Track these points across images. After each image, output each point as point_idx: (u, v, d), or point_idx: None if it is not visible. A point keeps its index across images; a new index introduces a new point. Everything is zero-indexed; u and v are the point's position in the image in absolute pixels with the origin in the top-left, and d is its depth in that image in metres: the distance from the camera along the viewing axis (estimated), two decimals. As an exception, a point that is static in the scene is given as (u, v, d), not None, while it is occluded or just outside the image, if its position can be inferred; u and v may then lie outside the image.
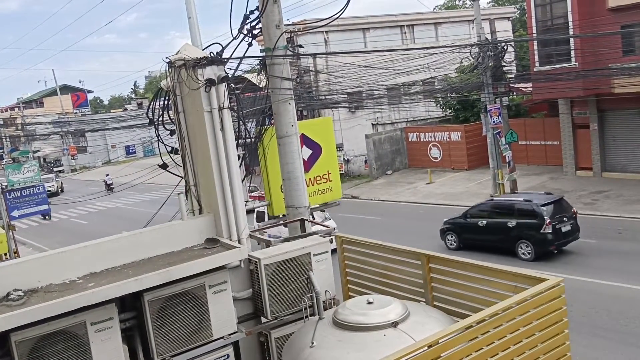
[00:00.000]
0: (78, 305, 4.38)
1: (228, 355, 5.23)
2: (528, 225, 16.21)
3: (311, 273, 5.30)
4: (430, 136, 33.33)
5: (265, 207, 8.17)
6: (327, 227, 6.24)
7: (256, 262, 5.31)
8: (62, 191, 48.76)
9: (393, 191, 29.58)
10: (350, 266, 6.01)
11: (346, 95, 29.71)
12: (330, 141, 8.74)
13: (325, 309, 5.03)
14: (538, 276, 4.40)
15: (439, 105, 35.01)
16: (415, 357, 3.63)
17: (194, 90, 5.43)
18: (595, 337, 11.38)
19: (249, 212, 6.47)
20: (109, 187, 40.56)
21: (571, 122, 25.84)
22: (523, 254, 16.35)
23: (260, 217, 18.71)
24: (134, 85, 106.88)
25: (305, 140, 8.19)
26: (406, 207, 26.22)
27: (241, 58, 6.58)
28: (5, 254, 17.44)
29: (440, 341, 3.74)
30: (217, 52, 5.58)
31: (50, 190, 46.47)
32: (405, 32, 38.02)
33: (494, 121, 22.80)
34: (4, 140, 73.69)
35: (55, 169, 67.98)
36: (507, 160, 23.43)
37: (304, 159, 7.56)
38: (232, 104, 5.79)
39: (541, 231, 15.91)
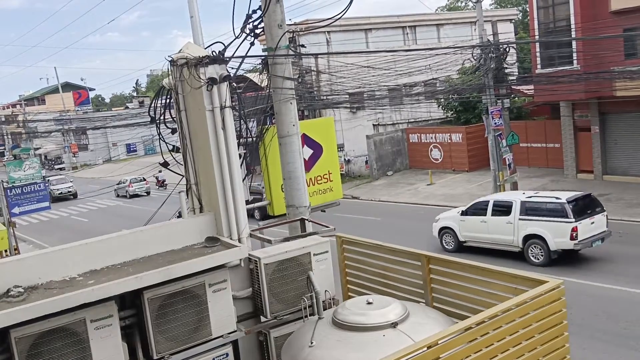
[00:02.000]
0: (78, 303, 4.38)
1: (227, 354, 5.23)
2: None
3: (311, 273, 5.30)
4: (431, 137, 33.32)
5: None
6: (328, 226, 6.24)
7: (256, 261, 5.31)
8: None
9: (393, 192, 29.58)
10: (350, 266, 6.02)
11: (348, 96, 29.72)
12: (331, 141, 8.75)
13: (324, 309, 5.03)
14: (538, 278, 4.40)
15: (440, 106, 35.02)
16: (414, 357, 3.63)
17: (196, 89, 5.43)
18: (595, 340, 11.37)
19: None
20: None
21: (572, 124, 25.83)
22: None
23: None
24: (136, 83, 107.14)
25: (307, 140, 8.20)
26: (406, 208, 26.21)
27: (243, 57, 6.59)
28: (6, 251, 17.46)
29: (439, 342, 3.74)
30: (219, 51, 5.59)
31: (69, 192, 43.34)
32: (407, 33, 38.04)
33: (495, 123, 22.79)
34: (5, 137, 73.73)
35: (56, 167, 68.08)
36: (507, 163, 23.41)
37: (304, 159, 7.56)
38: (233, 103, 5.79)
39: None
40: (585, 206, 15.78)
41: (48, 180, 42.70)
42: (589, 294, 13.56)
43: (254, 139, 7.61)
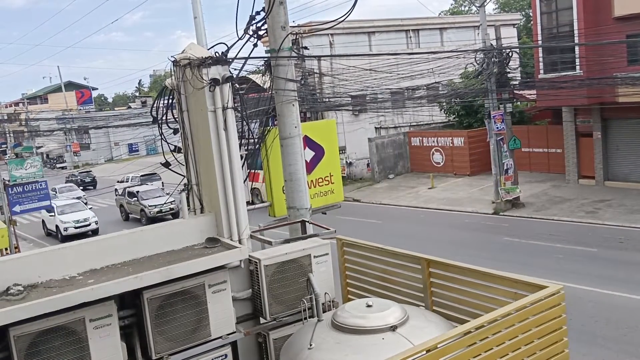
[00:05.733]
0: (77, 302, 4.38)
1: (226, 355, 5.23)
2: None
3: (311, 275, 5.29)
4: (433, 141, 33.28)
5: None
6: (328, 229, 6.23)
7: (256, 262, 5.31)
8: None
9: (395, 195, 29.56)
10: (350, 269, 6.01)
11: (350, 98, 29.71)
12: (333, 144, 8.75)
13: (324, 311, 5.02)
14: (538, 283, 4.39)
15: (442, 110, 34.97)
16: (413, 361, 3.62)
17: (198, 90, 5.44)
18: (595, 346, 11.35)
19: None
20: None
21: (574, 130, 25.80)
22: None
23: None
24: (139, 83, 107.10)
25: (308, 142, 8.20)
26: (407, 211, 26.20)
27: (246, 58, 6.59)
28: (6, 249, 17.47)
29: (438, 346, 3.74)
30: (222, 52, 5.60)
31: (172, 209, 26.93)
32: (410, 37, 38.04)
33: (497, 127, 22.76)
34: (7, 135, 73.77)
35: (58, 165, 68.17)
36: (505, 168, 23.22)
37: (306, 161, 7.56)
38: (236, 104, 5.80)
39: None
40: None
41: (137, 193, 29.51)
42: (589, 300, 13.53)
43: (256, 140, 7.62)
